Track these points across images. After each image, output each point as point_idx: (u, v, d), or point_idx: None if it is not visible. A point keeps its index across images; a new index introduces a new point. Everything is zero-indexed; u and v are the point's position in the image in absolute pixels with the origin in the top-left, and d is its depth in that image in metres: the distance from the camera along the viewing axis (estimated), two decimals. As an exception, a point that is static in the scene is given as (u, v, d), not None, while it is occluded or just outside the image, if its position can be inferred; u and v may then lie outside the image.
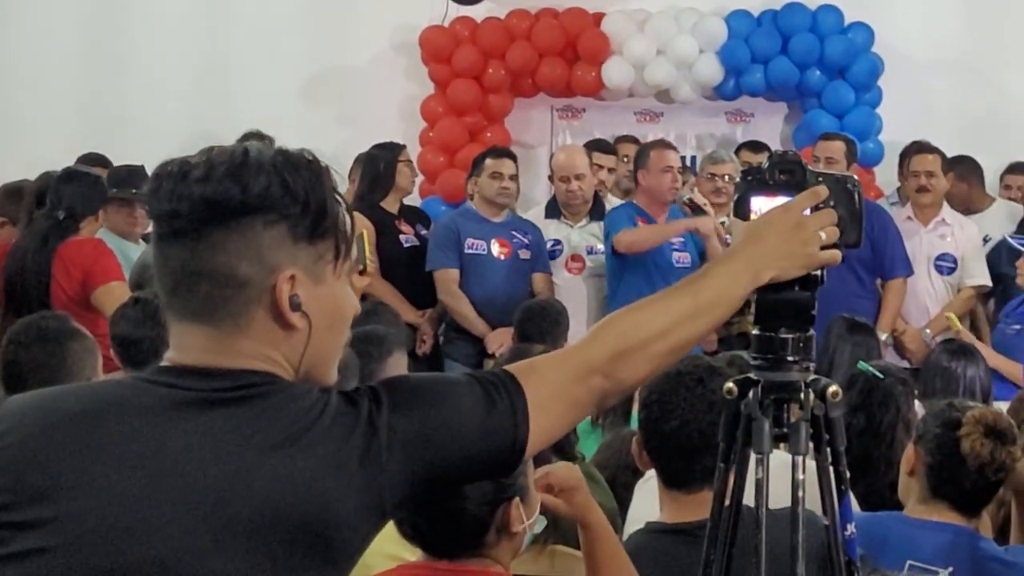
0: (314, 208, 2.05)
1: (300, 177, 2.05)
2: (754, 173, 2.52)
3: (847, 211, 2.47)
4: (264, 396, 2.00)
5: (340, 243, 2.09)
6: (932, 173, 8.23)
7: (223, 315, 2.03)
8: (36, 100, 9.97)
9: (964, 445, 3.78)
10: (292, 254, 2.04)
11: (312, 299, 2.06)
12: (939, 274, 8.27)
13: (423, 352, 7.86)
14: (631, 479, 4.38)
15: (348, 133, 9.70)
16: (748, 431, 2.49)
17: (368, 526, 2.02)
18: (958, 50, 10.02)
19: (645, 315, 2.23)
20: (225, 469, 1.94)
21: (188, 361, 2.05)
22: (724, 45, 9.69)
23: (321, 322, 2.08)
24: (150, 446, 1.96)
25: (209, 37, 10.15)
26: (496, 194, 7.95)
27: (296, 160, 2.07)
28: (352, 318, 2.17)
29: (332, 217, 2.08)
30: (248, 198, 2.01)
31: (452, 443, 2.06)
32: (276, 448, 1.95)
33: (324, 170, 2.10)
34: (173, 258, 2.04)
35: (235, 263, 2.01)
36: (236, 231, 2.01)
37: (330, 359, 2.14)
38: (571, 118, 10.27)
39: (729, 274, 2.29)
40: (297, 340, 2.07)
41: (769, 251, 2.31)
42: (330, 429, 1.99)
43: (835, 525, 2.52)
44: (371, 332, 5.51)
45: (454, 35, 9.88)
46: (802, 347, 2.48)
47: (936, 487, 3.86)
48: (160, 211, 2.03)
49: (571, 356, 2.20)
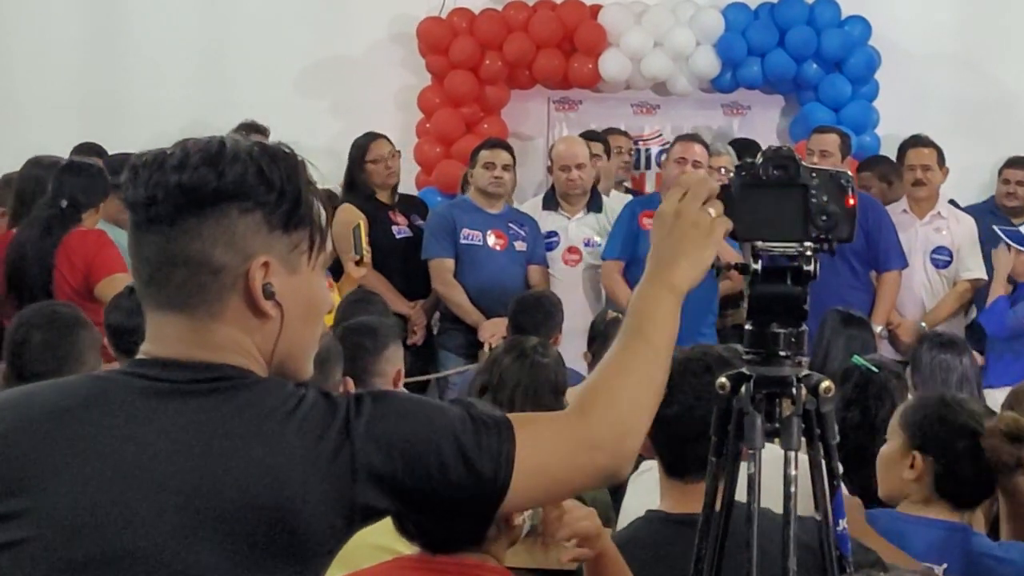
0: (290, 197, 2.06)
1: (276, 166, 2.06)
2: (748, 168, 2.52)
3: (839, 206, 2.48)
4: (238, 389, 2.01)
5: (315, 234, 2.11)
6: (928, 167, 8.25)
7: (198, 302, 2.04)
8: (35, 89, 9.96)
9: (989, 455, 3.79)
10: (267, 242, 2.05)
11: (286, 288, 2.07)
12: (934, 267, 8.28)
13: (413, 343, 7.86)
14: (625, 471, 4.39)
15: (345, 123, 9.68)
16: (740, 426, 2.50)
17: (338, 527, 2.00)
18: (955, 43, 10.02)
19: (630, 387, 2.20)
20: (198, 461, 1.94)
21: (163, 353, 2.05)
22: (721, 38, 9.68)
23: (295, 312, 2.09)
24: (124, 439, 1.97)
25: (207, 26, 10.13)
26: (487, 184, 7.95)
27: (273, 151, 2.08)
28: (326, 312, 2.18)
29: (307, 208, 2.09)
30: (223, 185, 2.02)
31: (427, 467, 2.03)
32: (248, 441, 1.96)
33: (301, 162, 2.11)
34: (149, 246, 2.05)
35: (210, 249, 2.02)
36: (212, 218, 2.02)
37: (304, 351, 2.15)
38: (568, 110, 10.26)
39: (664, 309, 2.30)
40: (270, 329, 2.07)
41: (684, 268, 2.33)
42: (303, 427, 1.98)
43: (827, 520, 2.53)
44: (366, 324, 5.50)
45: (451, 26, 9.87)
46: (794, 342, 2.50)
47: (942, 489, 3.86)
48: (136, 199, 2.05)
49: (576, 426, 2.16)
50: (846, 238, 2.49)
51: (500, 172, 7.97)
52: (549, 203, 8.31)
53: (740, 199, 2.48)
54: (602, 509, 4.26)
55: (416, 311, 8.06)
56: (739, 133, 9.94)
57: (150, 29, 10.07)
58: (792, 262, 2.48)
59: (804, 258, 2.48)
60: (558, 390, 4.50)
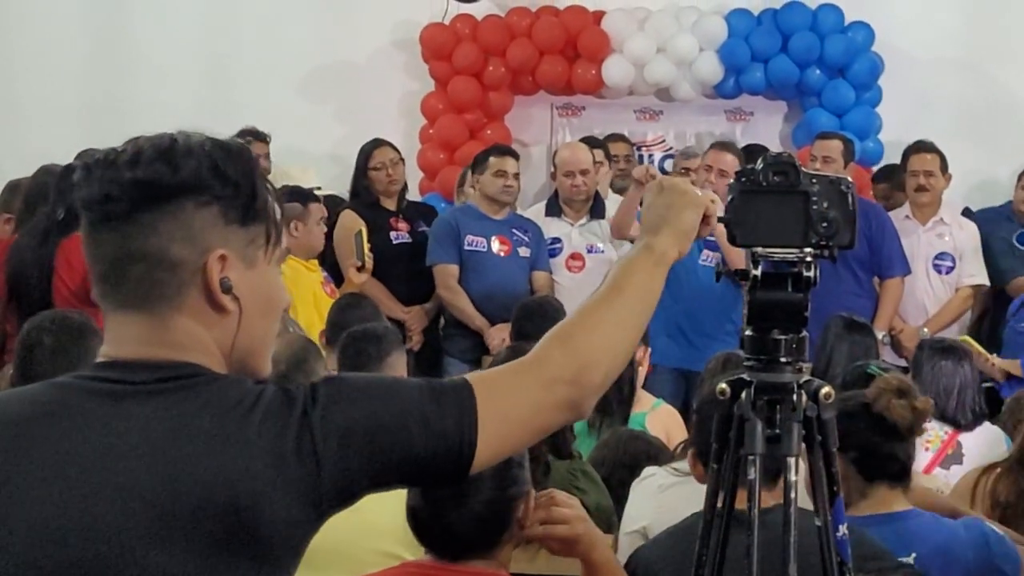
0: (245, 191, 2.06)
1: (231, 160, 2.06)
2: (748, 175, 2.53)
3: (840, 212, 2.48)
4: (198, 388, 2.00)
5: (271, 228, 2.10)
6: (931, 172, 8.25)
7: (156, 298, 2.03)
8: (39, 95, 9.97)
9: (890, 416, 3.72)
10: (224, 235, 2.04)
11: (244, 283, 2.06)
12: (937, 273, 8.29)
13: (411, 347, 7.86)
14: (628, 477, 4.39)
15: (348, 129, 9.70)
16: (741, 432, 2.50)
17: (304, 522, 2.00)
18: (958, 48, 10.02)
19: (596, 327, 2.23)
20: (161, 464, 1.94)
21: (123, 354, 2.05)
22: (724, 43, 9.68)
23: (253, 307, 2.08)
24: (86, 445, 1.97)
25: (211, 32, 10.14)
26: (500, 192, 7.97)
27: (226, 145, 2.08)
28: (283, 308, 2.18)
29: (263, 202, 2.09)
30: (179, 179, 2.02)
31: (391, 440, 2.03)
32: (211, 440, 1.95)
33: (255, 158, 2.12)
34: (105, 244, 2.04)
35: (167, 244, 2.02)
36: (168, 212, 2.02)
37: (263, 347, 2.14)
38: (571, 116, 10.26)
39: (642, 270, 2.31)
40: (228, 324, 2.07)
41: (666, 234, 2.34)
42: (264, 422, 1.98)
43: (827, 526, 2.53)
44: (370, 330, 5.50)
45: (455, 32, 9.87)
46: (795, 348, 2.50)
47: (869, 475, 3.80)
48: (91, 197, 2.04)
49: (531, 367, 2.17)
50: (847, 245, 2.49)
51: (512, 181, 8.00)
52: (552, 209, 8.32)
53: (740, 205, 2.49)
54: (605, 515, 4.27)
55: (412, 316, 8.05)
56: (742, 139, 9.93)
57: (153, 35, 10.08)
58: (792, 268, 2.49)
59: (804, 264, 2.49)
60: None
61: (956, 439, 5.73)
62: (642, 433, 5.02)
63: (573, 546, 3.06)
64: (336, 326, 6.00)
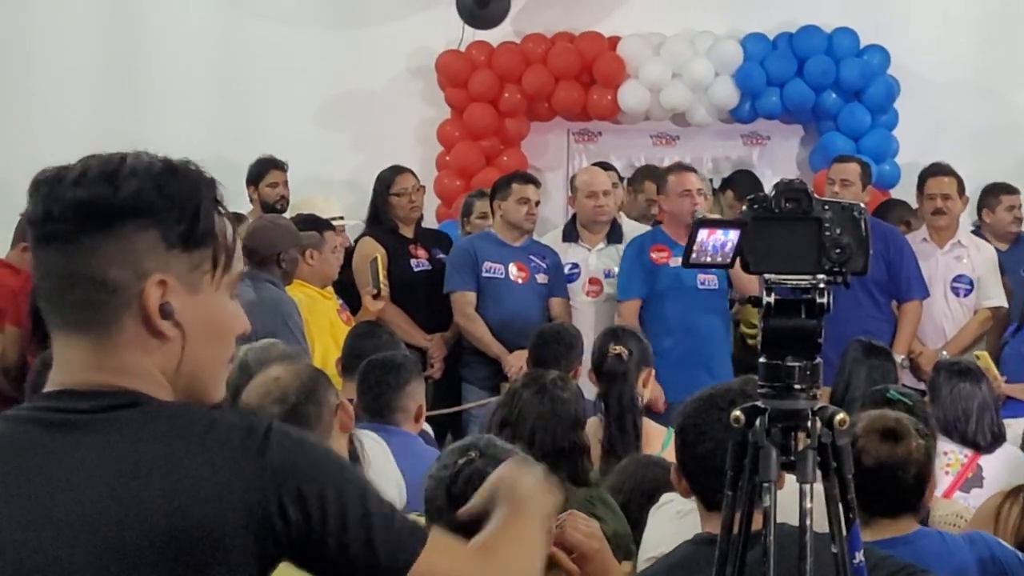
0: (188, 215, 2.01)
1: (176, 183, 2.01)
2: (761, 202, 2.53)
3: (853, 238, 2.48)
4: (143, 417, 1.97)
5: (220, 254, 2.04)
6: (948, 196, 8.25)
7: (95, 322, 2.00)
8: (54, 125, 9.98)
9: (865, 458, 3.75)
10: (164, 260, 1.99)
11: (187, 309, 2.01)
12: (955, 296, 8.27)
13: (430, 375, 7.86)
14: (645, 503, 4.38)
15: (364, 156, 9.73)
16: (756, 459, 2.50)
17: (261, 553, 1.95)
18: (974, 71, 10.02)
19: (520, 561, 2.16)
20: (109, 496, 1.91)
21: (69, 380, 2.02)
22: (740, 68, 9.69)
23: (197, 333, 2.03)
24: (34, 480, 1.95)
25: (227, 60, 10.17)
26: (523, 219, 7.98)
27: (175, 167, 2.04)
28: (239, 335, 2.11)
29: (209, 226, 2.03)
30: (119, 201, 1.98)
31: (328, 517, 1.98)
32: (159, 470, 1.92)
33: (207, 180, 2.05)
34: (48, 263, 2.01)
35: (105, 267, 1.97)
36: (108, 235, 1.97)
37: (211, 374, 2.08)
38: (587, 141, 10.27)
39: None
40: (171, 351, 2.02)
41: None
42: (216, 451, 1.95)
43: (843, 552, 2.53)
44: (389, 359, 5.50)
45: (470, 59, 9.90)
46: (809, 375, 2.49)
47: (867, 504, 3.82)
48: (35, 215, 2.01)
49: (478, 562, 2.10)
50: (860, 271, 2.49)
51: (534, 208, 8.02)
52: (569, 235, 8.33)
53: (753, 232, 2.49)
54: (623, 542, 4.26)
55: (434, 344, 8.07)
56: (758, 163, 9.95)
57: (169, 63, 10.11)
58: (805, 295, 2.49)
59: (818, 291, 2.48)
60: (577, 424, 4.49)
61: (976, 462, 5.70)
62: (660, 459, 5.00)
63: (586, 564, 3.06)
64: (352, 354, 6.00)
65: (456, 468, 2.93)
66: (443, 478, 2.93)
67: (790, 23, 9.86)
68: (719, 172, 9.96)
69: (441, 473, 2.95)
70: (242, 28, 10.25)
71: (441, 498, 2.91)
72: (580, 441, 4.43)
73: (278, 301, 6.71)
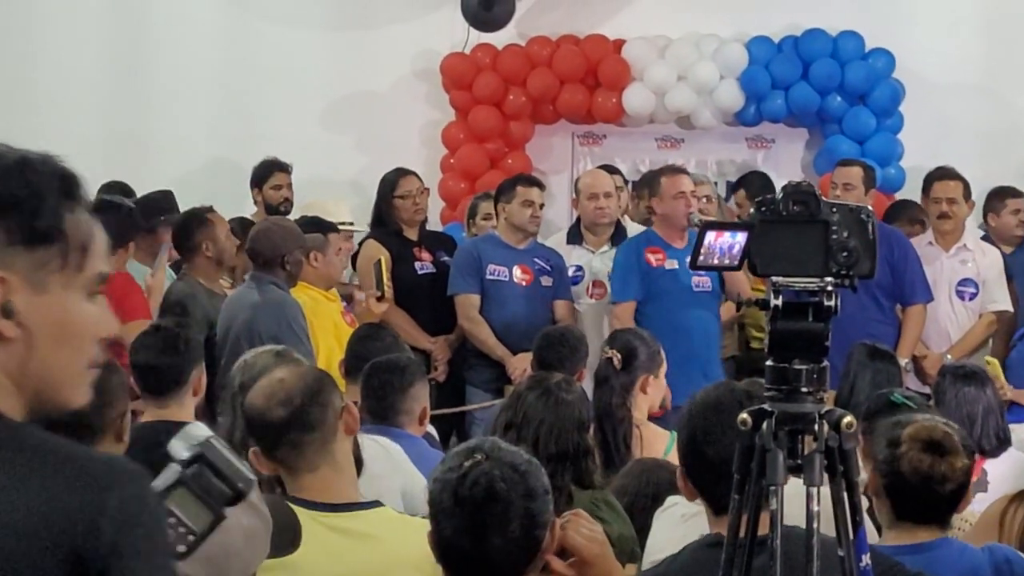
0: (28, 211, 1.91)
1: (21, 178, 1.91)
2: (768, 204, 2.52)
3: (860, 241, 2.48)
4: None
5: (70, 252, 1.94)
6: (953, 199, 8.25)
7: None
8: (61, 129, 9.97)
9: (903, 464, 3.76)
10: (8, 257, 1.91)
11: (32, 309, 1.92)
12: (960, 300, 8.27)
13: (435, 379, 7.85)
14: (651, 507, 4.37)
15: (369, 158, 9.73)
16: (763, 462, 2.49)
17: None
18: (979, 74, 10.01)
19: None
20: None
21: None
22: (745, 71, 9.69)
23: (44, 334, 1.93)
24: None
25: (231, 62, 10.17)
26: (527, 222, 7.97)
27: (25, 161, 1.94)
28: (100, 337, 2.01)
29: (55, 223, 1.93)
30: None
31: None
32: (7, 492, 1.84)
33: (61, 176, 1.96)
34: None
35: None
36: None
37: (63, 377, 1.98)
38: (592, 144, 10.27)
39: None
40: (13, 351, 1.92)
41: None
42: (53, 486, 1.84)
43: (850, 556, 2.52)
44: (393, 361, 5.50)
45: (475, 62, 9.90)
46: (816, 378, 2.49)
47: (897, 508, 3.84)
48: None
49: None
50: (867, 274, 2.49)
51: (538, 210, 8.02)
52: (573, 237, 8.34)
53: (760, 235, 2.48)
54: (627, 545, 4.25)
55: (438, 347, 8.07)
56: (763, 166, 9.94)
57: (175, 67, 10.12)
58: (813, 297, 2.48)
59: (825, 293, 2.48)
60: (582, 427, 4.48)
61: (981, 466, 5.69)
62: (665, 462, 4.99)
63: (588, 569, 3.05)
64: (356, 357, 5.99)
65: (462, 471, 2.92)
66: (449, 480, 2.92)
67: (795, 26, 9.86)
68: (724, 175, 9.98)
69: (447, 475, 2.94)
70: (247, 30, 10.26)
71: (447, 500, 2.91)
72: (585, 444, 4.43)
73: (282, 303, 6.71)
